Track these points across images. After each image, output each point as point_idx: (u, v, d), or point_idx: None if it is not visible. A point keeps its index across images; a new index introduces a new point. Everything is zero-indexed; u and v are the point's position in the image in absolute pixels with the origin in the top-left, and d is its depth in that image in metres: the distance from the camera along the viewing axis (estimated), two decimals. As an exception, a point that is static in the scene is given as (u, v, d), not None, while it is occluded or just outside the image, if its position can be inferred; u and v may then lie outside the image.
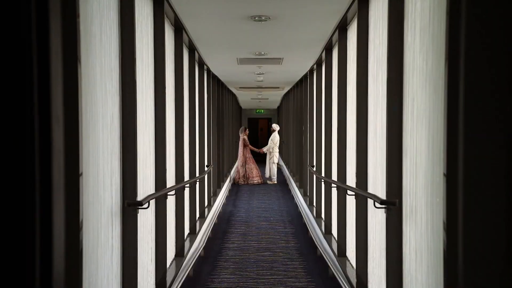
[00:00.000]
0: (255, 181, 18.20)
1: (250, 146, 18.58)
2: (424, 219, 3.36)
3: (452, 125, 2.63)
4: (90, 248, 3.16)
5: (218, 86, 13.32)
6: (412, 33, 3.66)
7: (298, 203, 12.41)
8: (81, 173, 2.74)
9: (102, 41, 3.48)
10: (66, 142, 2.31)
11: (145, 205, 4.06)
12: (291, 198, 14.66)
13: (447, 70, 2.66)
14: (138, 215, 4.17)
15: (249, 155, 18.30)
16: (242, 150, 18.27)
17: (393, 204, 3.80)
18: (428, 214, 3.28)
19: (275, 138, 18.69)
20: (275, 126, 19.06)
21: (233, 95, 19.58)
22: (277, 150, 18.73)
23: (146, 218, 4.84)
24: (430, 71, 3.23)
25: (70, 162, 2.62)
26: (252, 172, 18.29)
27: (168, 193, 5.43)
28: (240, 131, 18.83)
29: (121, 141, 3.93)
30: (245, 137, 18.54)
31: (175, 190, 6.11)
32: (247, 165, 18.31)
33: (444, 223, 2.71)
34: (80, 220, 2.70)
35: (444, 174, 2.69)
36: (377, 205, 3.98)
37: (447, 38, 2.67)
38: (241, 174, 18.28)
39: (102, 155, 3.45)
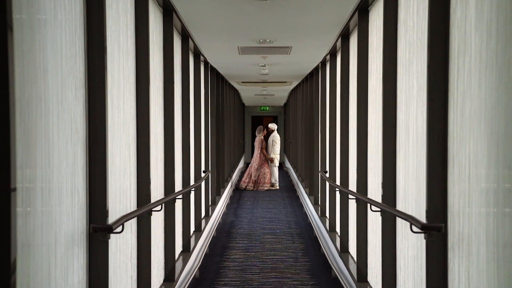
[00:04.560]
0: (266, 188, 17.63)
1: (264, 151, 17.84)
2: (483, 251, 2.74)
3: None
4: (38, 293, 2.54)
5: (217, 80, 12.71)
6: (463, 7, 3.04)
7: (308, 213, 11.79)
8: (14, 188, 2.13)
9: (58, 17, 2.86)
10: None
11: (118, 229, 3.44)
12: (300, 206, 14.04)
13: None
14: (110, 240, 3.55)
15: (264, 158, 17.72)
16: (259, 152, 17.64)
17: (437, 230, 3.17)
18: (488, 244, 2.66)
19: (275, 138, 18.12)
20: (273, 126, 18.52)
21: (235, 91, 18.97)
22: (278, 151, 18.12)
23: (124, 241, 4.22)
24: (493, 55, 2.61)
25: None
26: (264, 178, 17.68)
27: (153, 209, 4.81)
28: (257, 131, 18.19)
29: (87, 149, 3.31)
30: (262, 137, 17.92)
31: (164, 203, 5.49)
32: (261, 169, 17.68)
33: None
34: (12, 259, 2.09)
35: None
36: (415, 229, 3.34)
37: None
38: (253, 179, 17.62)
39: (58, 167, 2.83)
